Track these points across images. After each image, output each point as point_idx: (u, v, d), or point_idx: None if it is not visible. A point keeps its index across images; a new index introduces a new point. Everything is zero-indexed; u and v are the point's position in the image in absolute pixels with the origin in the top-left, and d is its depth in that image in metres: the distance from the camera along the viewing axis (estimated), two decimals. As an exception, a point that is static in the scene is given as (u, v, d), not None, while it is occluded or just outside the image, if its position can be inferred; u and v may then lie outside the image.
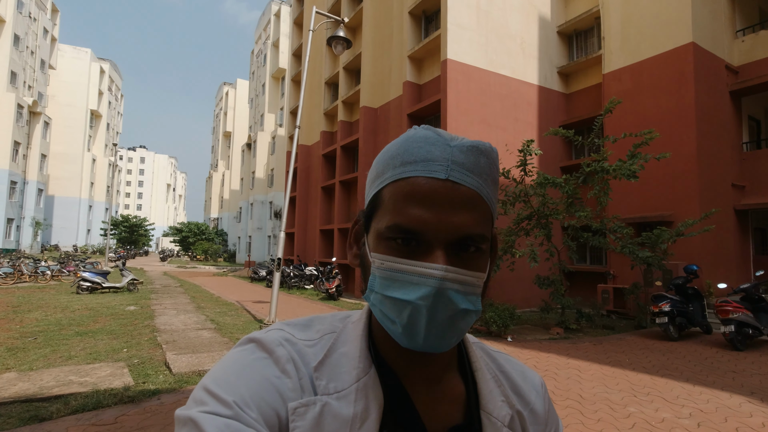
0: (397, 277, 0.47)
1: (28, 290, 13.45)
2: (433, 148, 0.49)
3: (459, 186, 0.48)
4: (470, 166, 0.49)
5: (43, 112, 41.15)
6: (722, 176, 11.64)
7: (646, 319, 9.55)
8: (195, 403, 0.45)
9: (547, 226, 9.32)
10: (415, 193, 0.48)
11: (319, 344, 0.54)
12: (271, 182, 35.57)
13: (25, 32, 38.62)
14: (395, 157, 0.51)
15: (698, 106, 11.13)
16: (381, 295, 0.49)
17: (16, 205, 37.03)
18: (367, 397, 0.49)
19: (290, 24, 29.73)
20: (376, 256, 0.50)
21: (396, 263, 0.48)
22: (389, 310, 0.48)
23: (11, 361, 5.48)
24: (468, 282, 0.48)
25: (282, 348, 0.51)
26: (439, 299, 0.45)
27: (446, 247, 0.47)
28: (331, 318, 0.59)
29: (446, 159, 0.49)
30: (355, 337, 0.55)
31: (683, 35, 11.46)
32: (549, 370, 5.88)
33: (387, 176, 0.51)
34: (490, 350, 0.65)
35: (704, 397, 4.80)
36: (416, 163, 0.49)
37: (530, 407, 0.60)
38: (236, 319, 9.43)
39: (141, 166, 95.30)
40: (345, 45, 9.78)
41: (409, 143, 0.50)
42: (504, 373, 0.61)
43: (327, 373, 0.51)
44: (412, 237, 0.48)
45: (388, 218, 0.49)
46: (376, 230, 0.51)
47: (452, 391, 0.56)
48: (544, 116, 14.32)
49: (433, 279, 0.46)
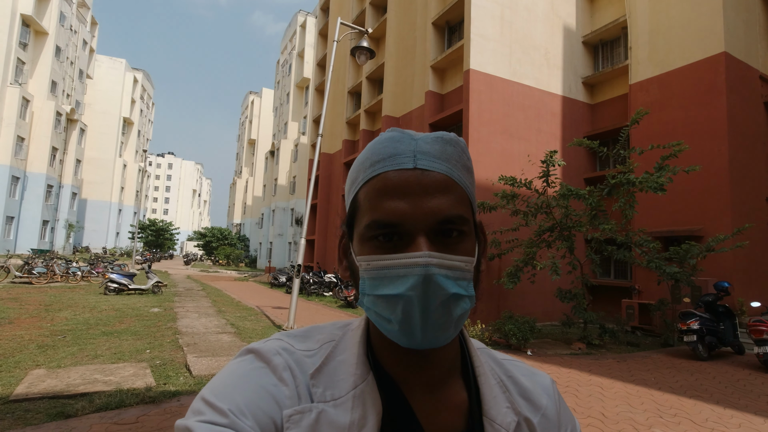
0: (384, 274, 0.47)
1: (59, 290, 13.97)
2: (399, 144, 0.50)
3: (428, 172, 0.48)
4: (437, 153, 0.50)
5: (79, 119, 43.05)
6: (756, 190, 11.19)
7: (674, 337, 9.19)
8: (193, 413, 0.46)
9: (569, 238, 9.13)
10: (387, 186, 0.48)
11: (318, 354, 0.54)
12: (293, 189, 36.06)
13: (66, 44, 40.59)
14: (365, 161, 0.52)
15: (730, 117, 10.76)
16: (372, 296, 0.48)
17: (51, 208, 38.66)
18: (364, 404, 0.49)
19: (315, 35, 30.33)
20: (362, 259, 0.49)
21: (380, 260, 0.47)
22: (382, 309, 0.48)
23: (41, 358, 5.69)
24: (455, 267, 0.47)
25: (279, 357, 0.51)
26: (427, 286, 0.45)
27: (428, 234, 0.47)
28: (331, 327, 0.59)
29: (412, 151, 0.50)
30: (353, 344, 0.54)
31: (715, 45, 11.14)
32: (570, 386, 5.72)
33: (359, 180, 0.52)
34: (496, 355, 0.63)
35: (735, 421, 4.58)
36: (384, 160, 0.50)
37: (542, 412, 0.58)
38: (256, 324, 9.54)
39: (168, 172, 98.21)
40: (368, 55, 9.92)
41: (376, 145, 0.52)
42: (511, 378, 0.59)
43: (324, 380, 0.51)
44: (393, 230, 0.48)
45: (366, 218, 0.49)
46: (358, 234, 0.51)
47: (454, 398, 0.55)
48: (568, 127, 14.10)
49: (418, 267, 0.45)
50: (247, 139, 63.28)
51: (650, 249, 8.74)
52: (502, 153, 12.49)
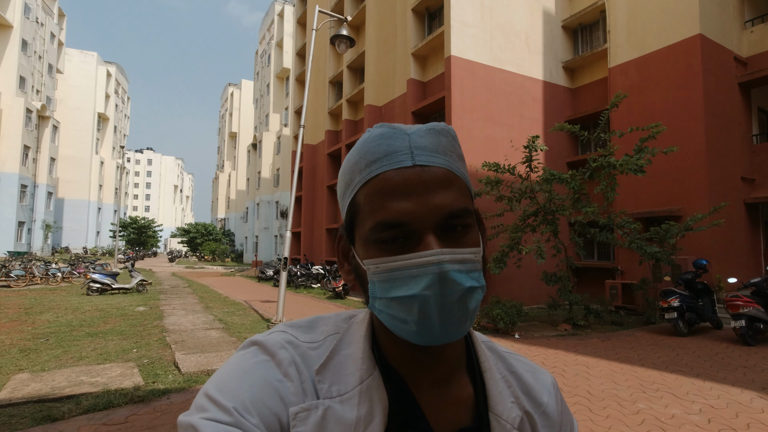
0: (396, 276, 0.46)
1: (39, 292, 13.63)
2: (392, 141, 0.49)
3: (428, 168, 0.48)
4: (433, 147, 0.49)
5: (51, 116, 41.59)
6: (732, 169, 11.49)
7: (655, 314, 9.47)
8: (197, 409, 0.45)
9: (553, 222, 9.27)
10: (388, 187, 0.47)
11: (322, 346, 0.53)
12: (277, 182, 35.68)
13: (32, 37, 39.01)
14: (359, 161, 0.50)
15: (706, 98, 10.98)
16: (385, 299, 0.47)
17: (27, 209, 37.50)
18: (371, 400, 0.48)
19: (294, 24, 29.76)
20: (369, 263, 0.48)
21: (391, 262, 0.46)
22: (398, 311, 0.47)
23: (24, 362, 5.56)
24: (466, 260, 0.47)
25: (284, 351, 0.51)
26: (444, 284, 0.44)
27: (435, 231, 0.47)
28: (335, 318, 0.58)
29: (407, 147, 0.48)
30: (359, 338, 0.54)
31: (690, 27, 11.31)
32: (557, 366, 5.85)
33: (356, 182, 0.50)
34: (499, 349, 0.63)
35: (715, 393, 4.76)
36: (380, 159, 0.49)
37: (542, 409, 0.58)
38: (244, 319, 9.49)
39: (148, 168, 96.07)
40: (348, 44, 9.78)
41: (368, 144, 0.50)
42: (514, 374, 0.60)
43: (330, 376, 0.50)
44: (399, 231, 0.47)
45: (369, 220, 0.48)
46: (361, 237, 0.50)
47: (460, 393, 0.55)
48: (550, 112, 14.22)
49: (432, 266, 0.45)
50: (228, 133, 62.20)
51: (631, 230, 8.94)
52: (485, 139, 12.54)
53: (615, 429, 3.76)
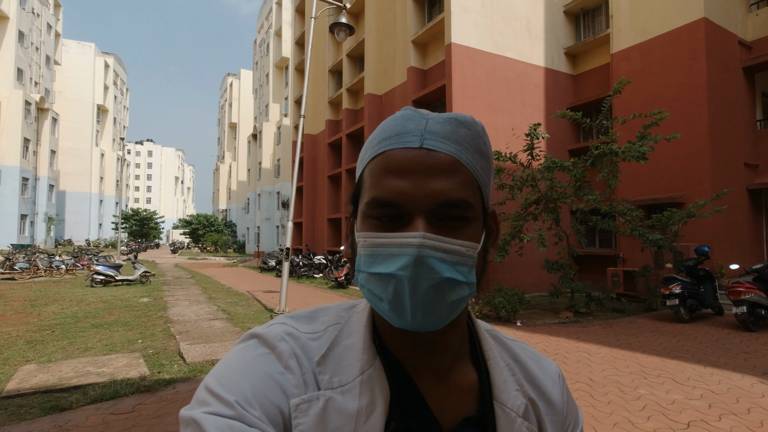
0: (378, 252, 0.46)
1: (44, 284, 13.72)
2: (408, 122, 0.49)
3: (434, 153, 0.47)
4: (446, 134, 0.48)
5: (50, 108, 41.46)
6: (735, 155, 11.42)
7: (657, 301, 9.49)
8: (198, 403, 0.45)
9: (555, 210, 9.25)
10: (390, 165, 0.47)
11: (323, 337, 0.53)
12: (277, 172, 35.61)
13: (29, 28, 38.68)
14: (374, 137, 0.51)
15: (710, 83, 10.86)
16: (366, 273, 0.48)
17: (29, 201, 37.59)
18: (372, 390, 0.48)
19: (292, 12, 29.42)
20: (360, 236, 0.49)
21: (377, 238, 0.47)
22: (375, 287, 0.47)
23: (31, 353, 5.62)
24: (454, 251, 0.46)
25: (284, 343, 0.50)
26: (418, 268, 0.44)
27: (428, 216, 0.46)
28: (337, 308, 0.58)
29: (420, 130, 0.48)
30: (360, 327, 0.53)
31: (695, 11, 11.14)
32: (559, 353, 5.89)
33: (366, 156, 0.51)
34: (503, 338, 0.63)
35: (716, 378, 4.79)
36: (391, 137, 0.49)
37: (546, 397, 0.58)
38: (247, 309, 9.55)
39: (149, 160, 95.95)
40: (348, 32, 9.67)
41: (387, 123, 0.51)
42: (518, 362, 0.59)
43: (330, 366, 0.50)
44: (392, 210, 0.47)
45: (367, 195, 0.49)
46: (360, 211, 0.51)
47: (464, 381, 0.54)
48: (552, 99, 14.10)
49: (411, 248, 0.44)
50: (228, 123, 61.94)
51: (633, 217, 8.91)
52: (487, 127, 12.21)
53: (616, 414, 3.80)
